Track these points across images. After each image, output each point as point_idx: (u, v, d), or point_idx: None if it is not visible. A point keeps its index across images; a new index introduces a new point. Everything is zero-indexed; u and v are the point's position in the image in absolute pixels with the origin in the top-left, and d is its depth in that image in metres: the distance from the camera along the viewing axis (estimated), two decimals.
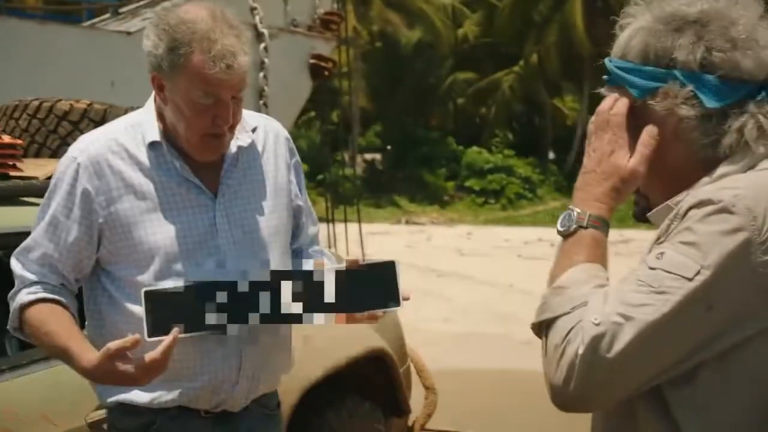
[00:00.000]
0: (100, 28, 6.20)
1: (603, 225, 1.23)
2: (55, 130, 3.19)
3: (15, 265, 1.83)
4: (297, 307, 1.66)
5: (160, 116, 1.80)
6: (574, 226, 1.24)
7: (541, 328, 1.18)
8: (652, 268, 1.11)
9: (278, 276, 1.68)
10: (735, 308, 1.10)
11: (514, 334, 9.07)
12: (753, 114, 1.17)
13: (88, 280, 1.86)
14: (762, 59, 1.18)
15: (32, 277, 1.79)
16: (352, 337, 3.03)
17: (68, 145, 3.15)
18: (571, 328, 1.12)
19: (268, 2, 6.66)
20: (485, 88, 29.79)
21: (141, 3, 6.61)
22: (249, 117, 1.91)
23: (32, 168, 2.75)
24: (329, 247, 8.16)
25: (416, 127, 30.58)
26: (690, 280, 1.08)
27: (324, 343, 2.79)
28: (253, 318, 1.67)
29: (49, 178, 2.66)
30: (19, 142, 2.76)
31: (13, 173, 2.64)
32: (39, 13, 7.75)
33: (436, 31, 29.59)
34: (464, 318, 9.83)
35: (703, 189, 1.15)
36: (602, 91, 1.30)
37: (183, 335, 1.64)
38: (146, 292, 1.64)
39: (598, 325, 1.09)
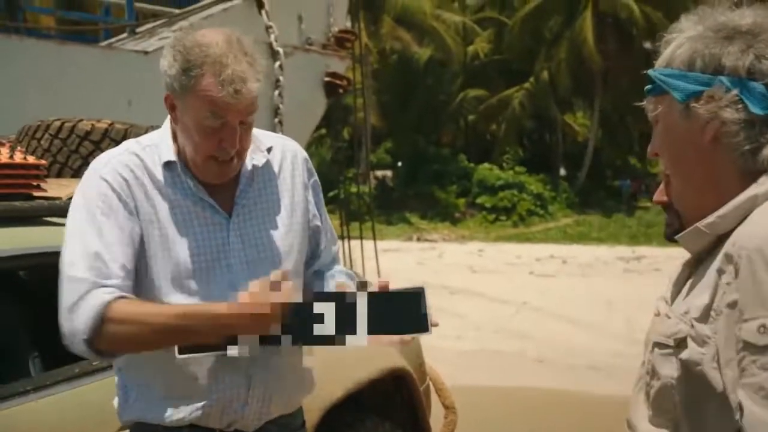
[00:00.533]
0: (117, 47, 6.26)
1: None
2: (76, 150, 3.22)
3: (75, 272, 1.72)
4: (329, 329, 1.66)
5: (175, 136, 1.82)
6: None
7: None
8: (755, 344, 1.09)
9: (311, 297, 1.68)
10: None
11: (526, 352, 9.03)
12: None
13: None
14: None
15: (103, 279, 1.70)
16: (372, 356, 3.02)
17: (89, 164, 3.21)
18: None
19: (283, 21, 6.72)
20: (496, 104, 29.86)
21: (158, 23, 6.67)
22: (265, 137, 1.93)
23: (55, 188, 2.77)
24: (344, 264, 8.14)
25: (427, 144, 30.66)
26: None
27: (344, 362, 2.78)
28: (286, 339, 1.67)
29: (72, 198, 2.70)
30: (43, 162, 2.78)
31: (36, 194, 2.66)
32: (57, 33, 7.82)
33: (447, 49, 29.72)
34: (476, 335, 9.79)
35: (753, 235, 1.13)
36: (644, 103, 1.31)
37: (207, 353, 1.65)
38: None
39: None
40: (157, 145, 1.83)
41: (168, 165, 1.81)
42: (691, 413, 1.20)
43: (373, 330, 1.67)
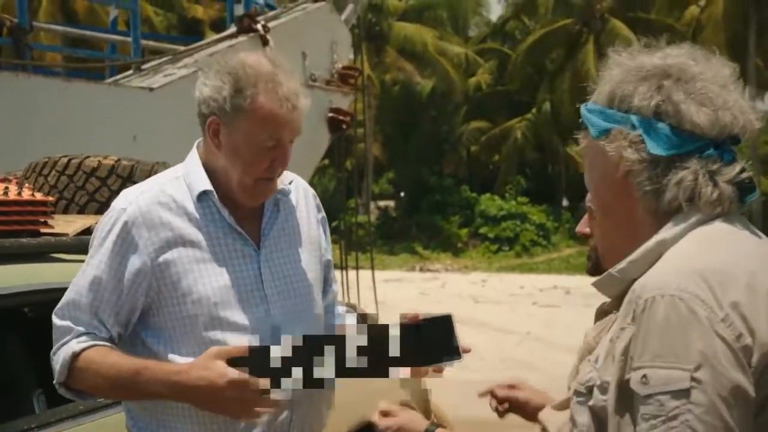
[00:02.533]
0: (123, 84, 6.33)
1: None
2: (83, 187, 3.24)
3: (59, 320, 1.80)
4: (363, 362, 1.65)
5: (206, 166, 1.83)
6: None
7: None
8: (647, 396, 1.09)
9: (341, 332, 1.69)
10: (739, 388, 1.08)
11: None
12: (695, 170, 1.19)
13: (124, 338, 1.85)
14: (717, 117, 1.20)
15: (80, 328, 1.77)
16: (377, 391, 3.01)
17: (96, 201, 3.25)
18: None
19: (287, 58, 6.80)
20: (498, 135, 29.95)
21: (163, 59, 6.75)
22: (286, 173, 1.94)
23: (62, 224, 2.80)
24: (343, 294, 8.15)
25: (430, 174, 30.71)
26: (687, 390, 1.06)
27: (348, 398, 2.77)
28: (319, 371, 1.64)
29: (80, 233, 2.73)
30: (50, 199, 2.81)
31: (43, 230, 2.69)
32: (63, 70, 7.91)
33: (449, 80, 29.89)
34: (480, 365, 9.72)
35: (646, 286, 1.14)
36: (579, 136, 1.34)
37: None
38: (231, 360, 1.63)
39: None
40: (186, 176, 1.83)
41: (201, 196, 1.80)
42: None
43: (406, 362, 1.68)
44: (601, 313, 1.53)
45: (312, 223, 1.97)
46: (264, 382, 1.62)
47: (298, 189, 1.98)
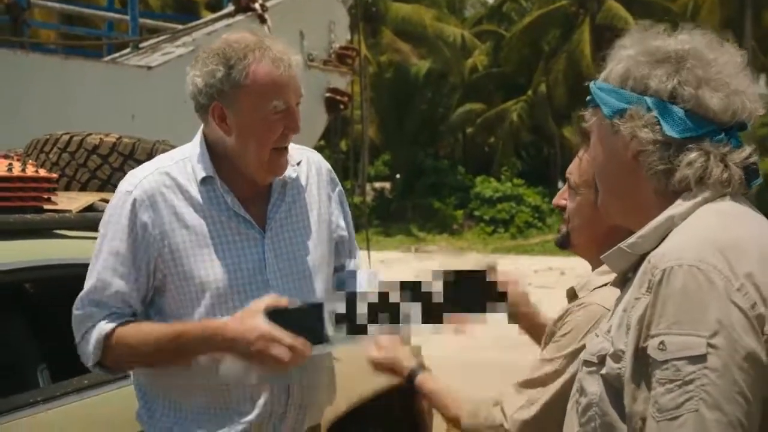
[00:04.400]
0: (121, 62, 6.30)
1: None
2: (84, 164, 3.25)
3: (81, 309, 1.83)
4: (416, 316, 1.74)
5: (211, 150, 1.84)
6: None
7: None
8: (664, 362, 1.12)
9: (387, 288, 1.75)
10: (756, 357, 1.11)
11: (524, 362, 9.02)
12: (706, 152, 1.22)
13: None
14: (730, 101, 1.23)
15: (105, 311, 1.80)
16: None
17: (97, 178, 3.25)
18: None
19: (284, 37, 6.77)
20: (494, 117, 29.91)
21: (161, 38, 6.71)
22: (292, 150, 1.93)
23: (65, 201, 2.80)
24: None
25: (425, 156, 30.68)
26: (703, 356, 1.09)
27: (348, 376, 2.81)
28: (372, 329, 1.73)
29: (82, 210, 2.74)
30: (54, 176, 2.81)
31: (47, 206, 2.69)
32: (60, 48, 7.86)
33: (446, 61, 29.80)
34: (476, 347, 9.78)
35: (663, 256, 1.17)
36: (585, 113, 1.37)
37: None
38: (268, 313, 1.70)
39: None
40: (190, 159, 1.84)
41: (204, 180, 1.82)
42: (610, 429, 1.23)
43: (449, 309, 1.79)
44: (572, 296, 1.59)
45: (323, 201, 1.96)
46: (295, 337, 1.67)
47: (310, 166, 1.97)
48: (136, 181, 1.83)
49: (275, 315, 1.69)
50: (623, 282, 1.31)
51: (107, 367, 1.84)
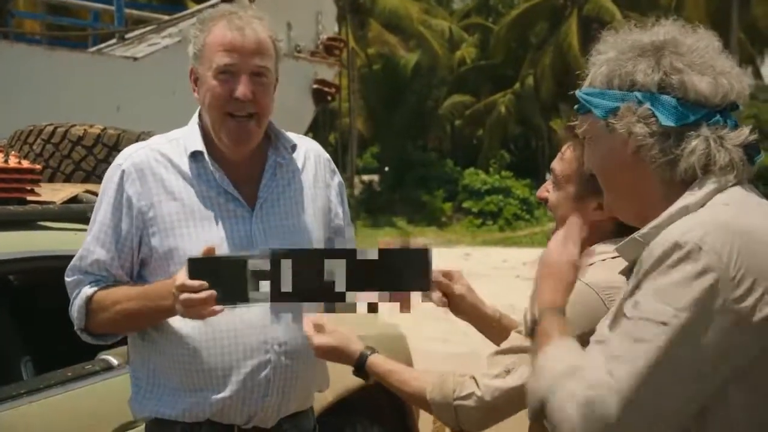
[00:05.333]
0: (106, 53, 6.25)
1: (559, 312, 1.31)
2: (69, 155, 3.23)
3: (70, 276, 1.89)
4: (340, 285, 1.65)
5: (203, 129, 1.88)
6: (531, 321, 1.34)
7: (538, 415, 1.22)
8: (631, 318, 1.16)
9: (322, 253, 1.68)
10: (722, 344, 1.13)
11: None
12: (705, 137, 1.23)
13: None
14: (718, 83, 1.24)
15: (90, 277, 1.86)
16: None
17: (82, 169, 3.23)
18: (565, 400, 1.15)
19: (272, 25, 6.76)
20: (482, 109, 29.95)
21: (147, 29, 6.67)
22: (290, 136, 1.98)
23: (49, 193, 2.78)
24: None
25: (414, 148, 30.70)
26: (666, 324, 1.12)
27: (335, 367, 2.81)
28: (286, 285, 1.64)
29: (66, 202, 2.72)
30: (37, 167, 2.79)
31: (30, 198, 2.67)
32: (46, 39, 7.80)
33: (434, 54, 29.79)
34: (463, 338, 9.79)
35: (669, 232, 1.19)
36: (576, 122, 1.37)
37: (222, 306, 1.64)
38: (189, 260, 1.65)
39: (591, 387, 1.13)
40: (184, 138, 1.89)
41: (194, 156, 1.86)
42: None
43: (379, 286, 1.68)
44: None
45: (320, 188, 1.98)
46: (212, 290, 1.62)
47: (308, 154, 2.00)
48: (127, 154, 1.89)
49: (196, 263, 1.64)
50: (631, 271, 1.31)
51: (91, 332, 1.89)
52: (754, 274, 1.14)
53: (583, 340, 1.25)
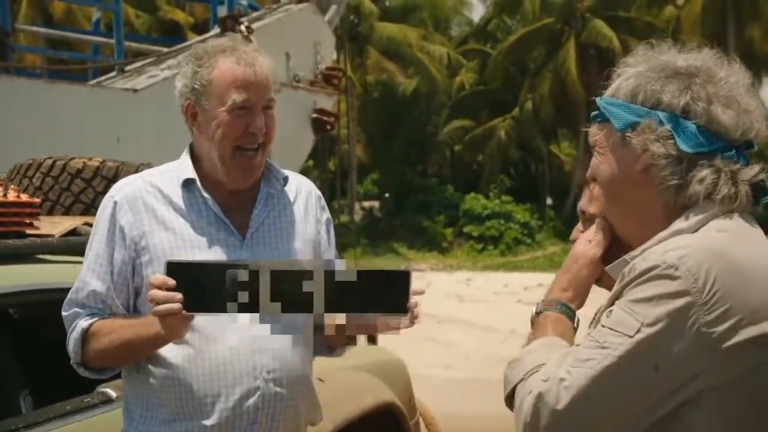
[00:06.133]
0: (106, 86, 6.31)
1: (561, 307, 1.37)
2: (68, 188, 3.24)
3: (67, 311, 1.90)
4: (319, 302, 1.63)
5: (195, 159, 1.92)
6: (536, 311, 1.39)
7: (511, 402, 1.27)
8: (602, 326, 1.20)
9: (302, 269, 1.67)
10: (684, 367, 1.15)
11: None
12: (717, 169, 1.24)
13: None
14: (740, 119, 1.25)
15: (86, 311, 1.87)
16: (362, 389, 3.03)
17: (81, 202, 3.25)
18: (527, 392, 1.21)
19: (270, 58, 6.82)
20: (482, 134, 30.07)
21: (146, 61, 6.73)
22: (281, 169, 2.01)
23: (48, 226, 2.79)
24: None
25: (414, 174, 30.79)
26: (630, 336, 1.16)
27: (334, 395, 2.79)
28: (274, 307, 1.63)
29: (66, 235, 2.73)
30: (36, 200, 2.80)
31: (29, 231, 2.69)
32: (46, 72, 7.88)
33: (433, 80, 29.98)
34: (465, 364, 9.78)
35: (653, 251, 1.22)
36: (590, 128, 1.38)
37: (194, 313, 1.63)
38: (168, 262, 1.64)
39: (545, 381, 1.19)
40: (176, 169, 1.92)
41: (187, 185, 1.88)
42: None
43: (354, 307, 1.65)
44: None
45: (310, 223, 2.00)
46: (170, 294, 1.61)
47: (300, 189, 2.02)
48: (119, 186, 1.92)
49: (175, 267, 1.63)
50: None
51: (87, 366, 1.89)
52: (730, 301, 1.15)
53: None
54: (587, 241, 1.40)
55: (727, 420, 1.17)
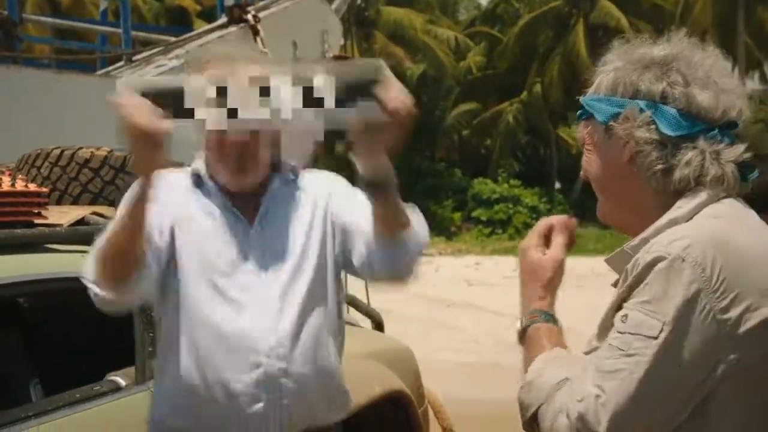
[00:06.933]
0: (114, 75, 6.32)
1: (546, 316, 1.37)
2: (76, 178, 3.25)
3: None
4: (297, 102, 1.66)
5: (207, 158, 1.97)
6: (521, 328, 1.38)
7: (528, 426, 1.26)
8: (620, 332, 1.19)
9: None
10: (705, 358, 1.16)
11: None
12: (702, 150, 1.27)
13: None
14: (719, 99, 1.28)
15: None
16: (370, 378, 3.04)
17: (89, 191, 3.26)
18: (556, 412, 1.19)
19: (278, 47, 6.81)
20: (490, 119, 29.97)
21: (154, 51, 6.72)
22: (296, 165, 2.05)
23: (56, 215, 2.81)
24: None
25: (422, 159, 30.71)
26: (655, 338, 1.15)
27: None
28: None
29: (73, 224, 2.75)
30: (44, 190, 2.82)
31: (37, 221, 2.71)
32: (54, 63, 7.90)
33: (440, 64, 29.86)
34: (474, 348, 9.80)
35: (657, 242, 1.22)
36: (577, 128, 1.42)
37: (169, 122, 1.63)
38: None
39: (581, 401, 1.17)
40: (192, 167, 1.99)
41: (197, 178, 1.96)
42: None
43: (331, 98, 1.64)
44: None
45: (318, 215, 1.99)
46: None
47: (315, 182, 2.04)
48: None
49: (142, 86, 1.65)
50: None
51: (100, 284, 1.81)
52: (738, 287, 1.17)
53: None
54: (545, 250, 1.41)
55: (748, 406, 1.18)
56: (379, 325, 3.78)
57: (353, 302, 3.76)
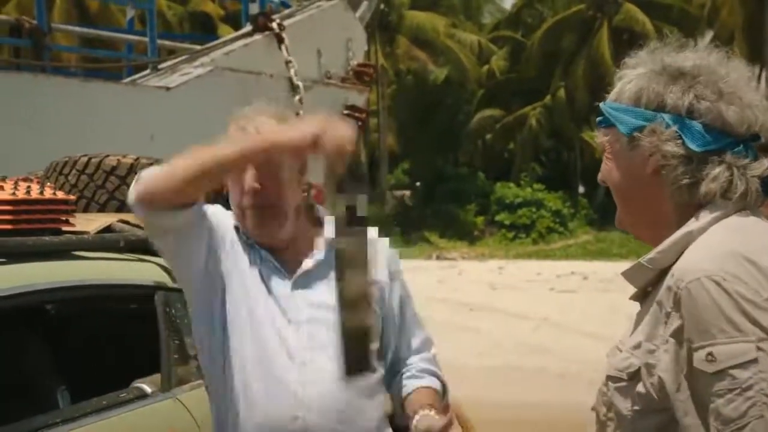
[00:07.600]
0: (140, 83, 6.38)
1: None
2: (103, 185, 3.29)
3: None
4: None
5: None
6: None
7: None
8: (718, 373, 1.14)
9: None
10: None
11: (549, 367, 8.98)
12: (729, 165, 1.26)
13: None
14: (744, 114, 1.27)
15: None
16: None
17: (116, 199, 3.30)
18: None
19: (302, 55, 6.85)
20: (513, 123, 29.86)
21: (180, 59, 6.78)
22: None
23: (83, 223, 2.84)
24: None
25: (445, 163, 30.70)
26: (756, 362, 1.12)
27: None
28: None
29: (100, 232, 2.79)
30: (72, 198, 2.85)
31: (65, 228, 2.74)
32: (81, 71, 7.99)
33: (463, 68, 29.80)
34: (498, 352, 9.77)
35: (686, 267, 1.21)
36: (597, 134, 1.40)
37: None
38: None
39: None
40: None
41: (236, 228, 1.96)
42: None
43: None
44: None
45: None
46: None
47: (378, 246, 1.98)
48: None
49: None
50: (643, 296, 1.33)
51: (149, 199, 1.78)
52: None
53: None
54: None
55: None
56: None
57: None
